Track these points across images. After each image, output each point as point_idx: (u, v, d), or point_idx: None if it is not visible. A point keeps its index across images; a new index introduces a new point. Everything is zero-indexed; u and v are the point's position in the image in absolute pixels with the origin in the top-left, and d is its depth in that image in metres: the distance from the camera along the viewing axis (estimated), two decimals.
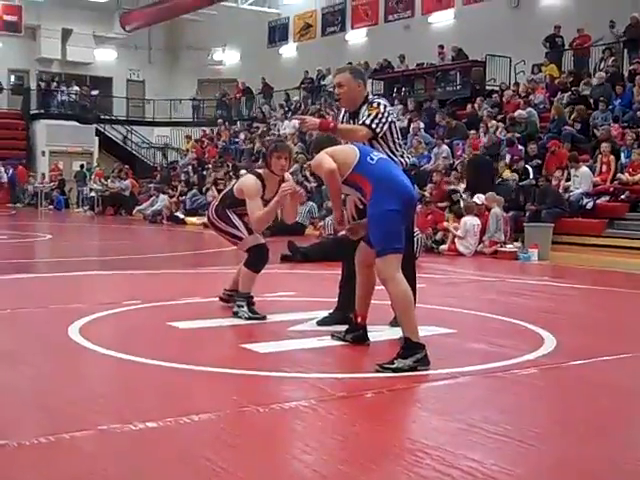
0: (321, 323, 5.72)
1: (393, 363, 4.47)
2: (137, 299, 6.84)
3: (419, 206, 12.95)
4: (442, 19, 24.82)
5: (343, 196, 5.10)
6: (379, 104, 5.36)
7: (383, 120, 5.28)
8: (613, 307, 7.80)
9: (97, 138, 31.63)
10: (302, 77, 27.80)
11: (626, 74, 17.63)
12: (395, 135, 5.45)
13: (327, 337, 5.32)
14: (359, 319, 5.16)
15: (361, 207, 5.01)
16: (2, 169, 28.30)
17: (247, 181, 6.16)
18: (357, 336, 5.17)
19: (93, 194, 25.78)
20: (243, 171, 19.71)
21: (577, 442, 3.46)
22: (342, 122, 5.57)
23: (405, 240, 4.70)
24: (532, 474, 3.11)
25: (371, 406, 4.01)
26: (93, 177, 27.09)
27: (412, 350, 4.48)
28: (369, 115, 5.28)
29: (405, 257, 4.75)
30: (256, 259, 6.17)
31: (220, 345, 5.26)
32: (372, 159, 4.81)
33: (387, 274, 4.59)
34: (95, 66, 34.17)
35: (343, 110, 5.72)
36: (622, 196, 13.55)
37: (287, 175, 6.16)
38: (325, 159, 4.81)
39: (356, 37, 28.04)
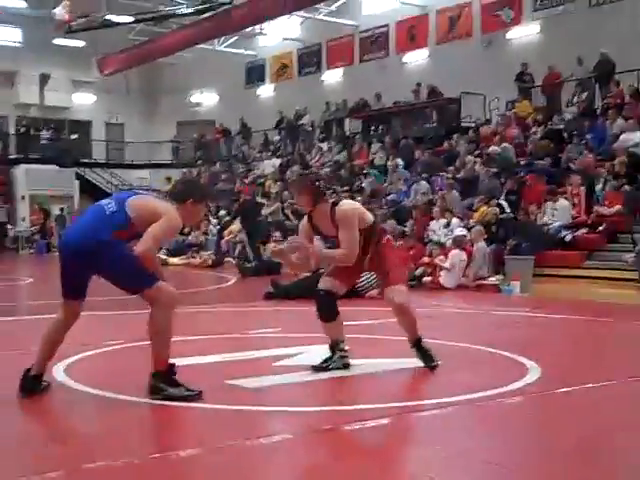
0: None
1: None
2: (120, 339, 6.82)
3: (400, 241, 13.05)
4: (416, 58, 25.17)
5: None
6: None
7: None
8: (595, 336, 7.86)
9: (77, 181, 31.59)
10: (279, 117, 28.06)
11: (598, 108, 17.98)
12: None
13: (309, 372, 5.35)
14: None
15: None
16: None
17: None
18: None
19: None
20: None
21: (562, 469, 3.48)
22: None
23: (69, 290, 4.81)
24: None
25: (357, 438, 4.02)
26: (71, 220, 27.05)
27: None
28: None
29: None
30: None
31: (206, 382, 5.25)
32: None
33: None
34: (74, 110, 34.26)
35: None
36: (600, 228, 13.71)
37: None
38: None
39: (332, 77, 28.35)
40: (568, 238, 13.65)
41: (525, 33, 22.07)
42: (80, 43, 30.57)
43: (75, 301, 4.83)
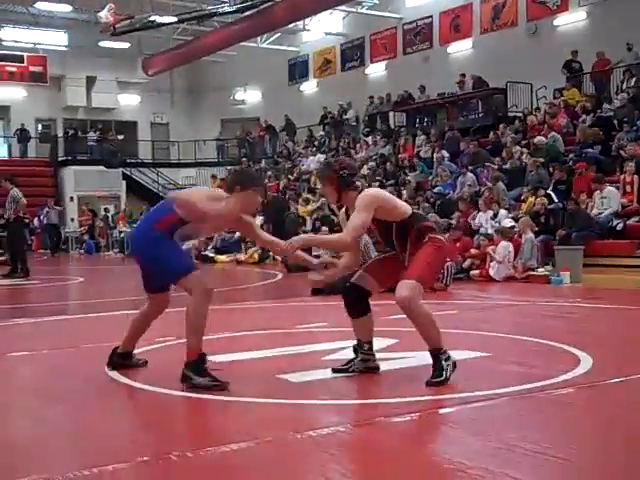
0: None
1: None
2: (171, 336, 6.87)
3: (447, 234, 12.95)
4: (460, 49, 24.99)
5: None
6: None
7: None
8: None
9: (124, 182, 32.00)
10: (323, 112, 28.05)
11: None
12: None
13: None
14: None
15: None
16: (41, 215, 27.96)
17: None
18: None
19: (122, 236, 26.06)
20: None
21: (614, 459, 3.42)
22: None
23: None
24: None
25: (409, 429, 4.00)
26: (117, 220, 27.46)
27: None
28: None
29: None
30: None
31: (255, 376, 5.28)
32: None
33: None
34: (120, 111, 34.73)
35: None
36: None
37: None
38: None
39: (376, 70, 28.27)
40: (619, 227, 13.41)
41: (572, 20, 21.75)
42: (125, 45, 30.95)
43: (154, 294, 5.16)
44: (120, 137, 33.81)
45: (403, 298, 4.72)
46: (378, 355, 5.32)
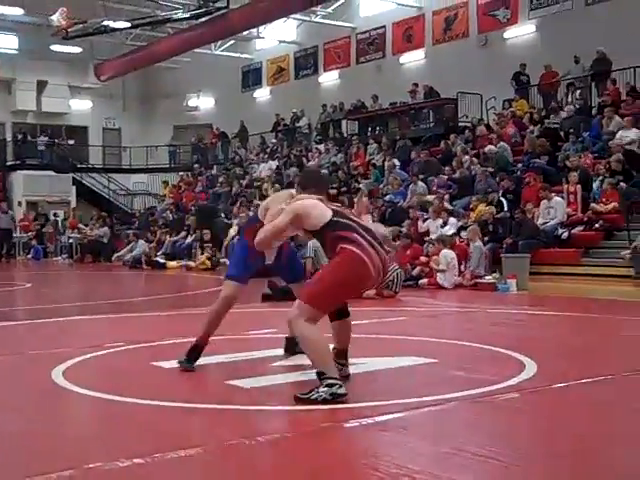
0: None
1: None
2: (120, 341, 6.84)
3: (398, 242, 13.09)
4: (413, 59, 25.25)
5: None
6: None
7: None
8: (590, 332, 7.89)
9: (74, 187, 31.60)
10: (276, 120, 28.08)
11: (595, 107, 18.05)
12: None
13: (310, 371, 5.34)
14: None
15: None
16: None
17: None
18: None
19: (71, 241, 25.74)
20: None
21: (560, 462, 3.51)
22: None
23: None
24: None
25: (356, 435, 4.04)
26: (67, 226, 27.11)
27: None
28: None
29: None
30: None
31: (205, 382, 5.28)
32: None
33: None
34: (71, 116, 34.28)
35: None
36: (596, 225, 13.76)
37: None
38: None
39: (329, 79, 28.41)
40: (565, 236, 13.70)
41: (521, 32, 22.15)
42: (77, 49, 30.59)
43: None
44: (71, 142, 33.40)
45: (288, 317, 4.70)
46: None
